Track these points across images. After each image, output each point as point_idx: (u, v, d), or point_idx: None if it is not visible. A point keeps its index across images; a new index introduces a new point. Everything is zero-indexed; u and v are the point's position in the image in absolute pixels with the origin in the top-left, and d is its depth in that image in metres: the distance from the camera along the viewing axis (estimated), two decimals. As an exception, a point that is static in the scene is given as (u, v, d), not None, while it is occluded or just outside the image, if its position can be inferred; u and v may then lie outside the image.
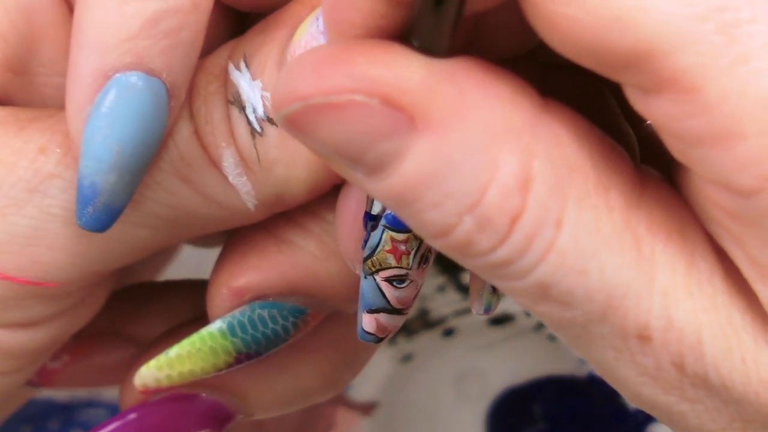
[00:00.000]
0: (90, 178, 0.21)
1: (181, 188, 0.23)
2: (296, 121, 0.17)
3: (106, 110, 0.21)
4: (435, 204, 0.17)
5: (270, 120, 0.22)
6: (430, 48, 0.18)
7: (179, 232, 0.24)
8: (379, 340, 0.24)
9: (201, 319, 0.25)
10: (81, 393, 0.45)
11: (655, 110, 0.17)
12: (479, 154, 0.17)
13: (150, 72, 0.21)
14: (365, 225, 0.23)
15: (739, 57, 0.16)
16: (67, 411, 0.45)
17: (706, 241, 0.19)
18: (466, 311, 0.48)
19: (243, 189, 0.23)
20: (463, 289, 0.48)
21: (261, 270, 0.24)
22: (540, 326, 0.47)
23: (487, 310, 0.25)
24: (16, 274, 0.23)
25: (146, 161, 0.22)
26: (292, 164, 0.22)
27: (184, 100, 0.22)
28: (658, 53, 0.16)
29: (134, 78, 0.21)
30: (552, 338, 0.48)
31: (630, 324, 0.18)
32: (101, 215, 0.22)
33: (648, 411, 0.20)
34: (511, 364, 0.48)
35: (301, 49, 0.22)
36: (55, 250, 0.23)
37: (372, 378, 0.48)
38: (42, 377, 0.28)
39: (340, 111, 0.17)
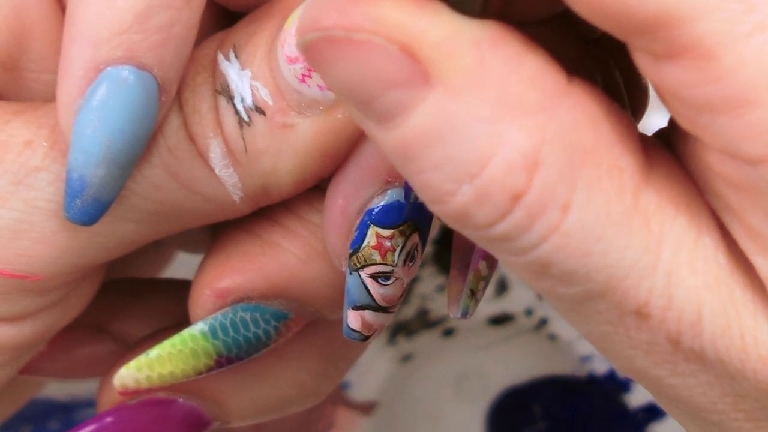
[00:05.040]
0: (79, 171, 0.21)
1: (168, 181, 0.23)
2: (314, 51, 0.17)
3: (96, 104, 0.21)
4: (435, 166, 0.17)
5: (258, 109, 0.22)
6: (463, 5, 0.17)
7: (165, 226, 0.24)
8: (365, 338, 0.24)
9: (186, 322, 0.25)
10: (81, 393, 0.45)
11: (667, 76, 0.17)
12: (486, 125, 0.17)
13: (141, 66, 0.21)
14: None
15: (758, 25, 0.16)
16: (67, 411, 0.45)
17: (711, 215, 0.18)
18: (466, 311, 0.48)
19: (229, 181, 0.23)
20: (463, 289, 0.48)
21: (244, 272, 0.24)
22: (540, 326, 0.47)
23: (464, 314, 0.25)
24: (1, 267, 0.23)
25: (135, 155, 0.21)
26: (278, 155, 0.22)
27: (175, 94, 0.22)
28: (677, 20, 0.16)
29: (126, 72, 0.21)
30: (552, 338, 0.48)
31: (629, 302, 0.18)
32: (89, 208, 0.22)
33: (637, 381, 0.20)
34: (511, 364, 0.48)
35: (291, 38, 0.22)
36: (40, 243, 0.23)
37: (372, 378, 0.48)
38: None
39: (358, 49, 0.17)
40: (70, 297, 0.25)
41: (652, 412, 0.46)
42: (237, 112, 0.22)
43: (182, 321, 0.26)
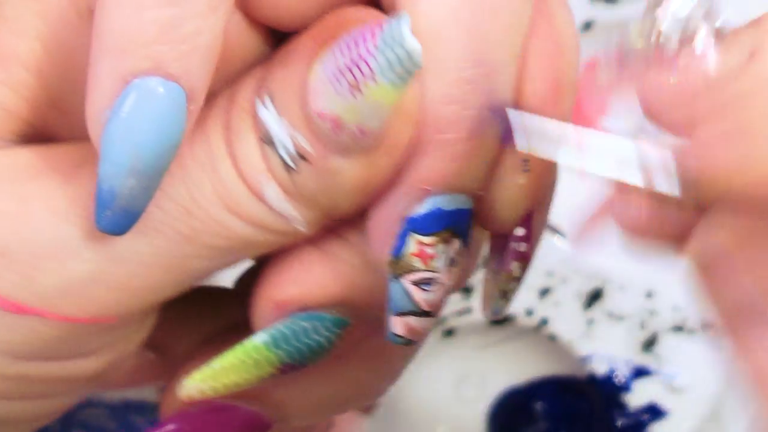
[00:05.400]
0: (108, 183, 0.21)
1: (232, 220, 0.23)
2: None
3: (124, 115, 0.21)
4: None
5: (302, 156, 0.22)
6: None
7: (236, 257, 0.24)
8: (411, 342, 0.24)
9: (231, 329, 0.25)
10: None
11: None
12: None
13: (168, 77, 0.21)
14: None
15: None
16: (67, 411, 0.45)
17: None
18: (467, 311, 0.48)
19: (290, 216, 0.23)
20: (464, 290, 0.48)
21: (303, 283, 0.24)
22: (540, 326, 0.48)
23: (496, 314, 0.26)
24: (76, 314, 0.23)
25: (165, 166, 0.21)
26: (332, 194, 0.22)
27: (202, 103, 0.22)
28: None
29: (153, 83, 0.21)
30: (552, 338, 0.48)
31: None
32: (120, 219, 0.22)
33: None
34: (511, 365, 0.48)
35: (314, 94, 0.21)
36: (114, 289, 0.23)
37: (372, 378, 0.48)
38: None
39: None
40: (139, 325, 0.25)
41: (652, 412, 0.47)
42: (282, 159, 0.22)
43: (225, 328, 0.27)
